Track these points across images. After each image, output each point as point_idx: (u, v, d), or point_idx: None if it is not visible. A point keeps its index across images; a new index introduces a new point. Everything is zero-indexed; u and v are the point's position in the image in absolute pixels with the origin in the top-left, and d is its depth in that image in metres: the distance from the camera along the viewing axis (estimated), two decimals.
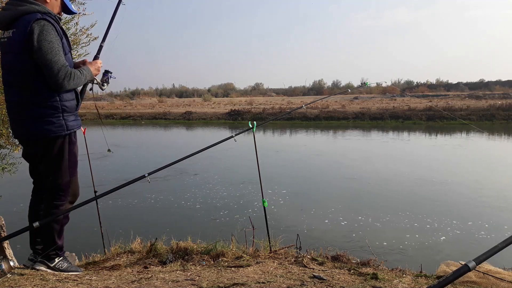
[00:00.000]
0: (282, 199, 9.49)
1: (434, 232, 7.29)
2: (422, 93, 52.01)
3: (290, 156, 16.69)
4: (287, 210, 8.69)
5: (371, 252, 3.45)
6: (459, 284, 2.48)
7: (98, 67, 2.55)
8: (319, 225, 7.71)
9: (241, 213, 8.36)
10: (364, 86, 4.70)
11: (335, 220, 7.99)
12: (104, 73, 2.63)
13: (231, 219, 7.98)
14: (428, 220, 7.88)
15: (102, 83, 2.64)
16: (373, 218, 8.06)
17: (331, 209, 8.71)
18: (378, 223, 7.77)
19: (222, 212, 8.63)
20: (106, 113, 39.30)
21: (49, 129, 2.31)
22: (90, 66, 2.49)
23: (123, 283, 2.33)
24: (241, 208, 8.78)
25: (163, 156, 16.23)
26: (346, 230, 7.43)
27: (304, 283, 2.31)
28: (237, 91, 77.91)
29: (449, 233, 7.22)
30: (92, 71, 2.49)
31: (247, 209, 8.65)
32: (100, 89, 2.68)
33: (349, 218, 8.06)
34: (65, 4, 2.47)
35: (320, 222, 7.91)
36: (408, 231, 7.34)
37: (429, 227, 7.51)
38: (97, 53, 2.65)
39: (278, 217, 8.12)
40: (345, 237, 7.10)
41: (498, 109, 30.49)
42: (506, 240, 1.23)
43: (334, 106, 36.41)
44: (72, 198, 2.56)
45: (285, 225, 7.65)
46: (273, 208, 8.56)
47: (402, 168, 13.55)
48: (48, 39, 2.18)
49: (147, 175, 2.55)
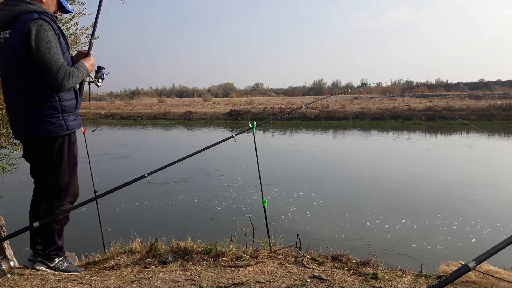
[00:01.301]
0: (282, 199, 9.49)
1: (434, 232, 7.28)
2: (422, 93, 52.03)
3: (291, 156, 16.69)
4: (287, 210, 8.69)
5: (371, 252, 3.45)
6: (459, 284, 2.48)
7: (93, 63, 2.55)
8: (319, 225, 7.70)
9: (241, 213, 8.36)
10: (364, 86, 4.70)
11: (335, 220, 7.99)
12: (98, 69, 2.62)
13: (231, 219, 7.98)
14: (428, 220, 7.88)
15: (97, 80, 2.63)
16: (373, 218, 8.06)
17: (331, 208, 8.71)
18: (378, 223, 7.77)
19: (222, 212, 8.63)
20: (106, 113, 39.31)
21: (50, 130, 2.30)
22: (85, 62, 2.48)
23: (123, 283, 2.33)
24: (241, 208, 8.78)
25: (163, 156, 16.23)
26: (346, 230, 7.42)
27: (304, 283, 2.31)
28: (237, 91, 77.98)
29: (449, 233, 7.22)
30: (88, 67, 2.48)
31: (247, 209, 8.65)
32: (96, 86, 2.66)
33: (349, 218, 8.06)
34: (61, 3, 2.46)
35: (320, 222, 7.91)
36: (408, 231, 7.34)
37: (429, 227, 7.51)
38: (89, 50, 2.61)
39: (278, 217, 8.13)
40: (345, 237, 7.10)
41: (498, 109, 30.50)
42: (506, 240, 1.23)
43: (334, 106, 36.42)
44: (72, 198, 2.56)
45: (285, 225, 7.65)
46: (273, 208, 8.56)
47: (401, 167, 13.56)
48: (46, 38, 2.17)
49: (147, 175, 2.54)
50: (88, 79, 2.57)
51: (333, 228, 7.57)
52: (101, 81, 2.64)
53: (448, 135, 23.63)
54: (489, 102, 34.32)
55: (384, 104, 37.85)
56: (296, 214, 8.42)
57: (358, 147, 18.93)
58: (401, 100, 41.28)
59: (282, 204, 9.12)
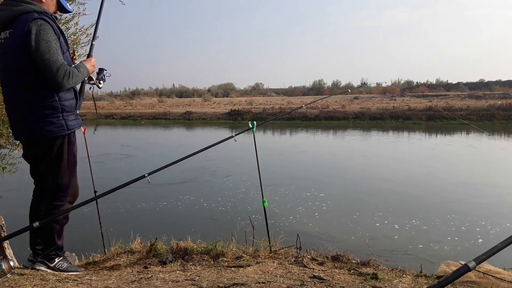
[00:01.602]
0: (282, 199, 9.49)
1: (434, 232, 7.28)
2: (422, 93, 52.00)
3: (291, 156, 16.69)
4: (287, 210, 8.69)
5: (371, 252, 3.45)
6: (459, 284, 2.48)
7: (94, 64, 2.56)
8: (319, 225, 7.70)
9: (241, 213, 8.36)
10: (364, 86, 4.70)
11: (335, 220, 7.99)
12: (99, 71, 2.64)
13: (231, 219, 7.98)
14: (428, 220, 7.88)
15: (99, 81, 2.64)
16: (373, 217, 8.06)
17: (331, 209, 8.71)
18: (378, 223, 7.77)
19: (222, 212, 8.63)
20: (106, 113, 39.29)
21: (50, 130, 2.30)
22: (86, 63, 2.50)
23: (123, 283, 2.33)
24: (241, 208, 8.78)
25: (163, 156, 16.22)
26: (346, 230, 7.43)
27: (304, 283, 2.31)
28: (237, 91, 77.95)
29: (449, 233, 7.22)
30: (88, 68, 2.49)
31: (247, 209, 8.65)
32: (97, 87, 2.69)
33: (350, 218, 8.06)
34: (60, 3, 2.47)
35: (320, 221, 7.91)
36: (408, 231, 7.34)
37: (429, 227, 7.51)
38: (90, 51, 2.66)
39: (278, 217, 8.12)
40: (345, 236, 7.10)
41: (498, 109, 30.49)
42: (506, 240, 1.23)
43: (334, 106, 36.41)
44: (72, 198, 2.56)
45: (285, 225, 7.65)
46: (273, 208, 8.56)
47: (400, 167, 13.55)
48: (46, 38, 2.18)
49: (147, 175, 2.54)
50: (90, 81, 2.58)
51: (334, 228, 7.57)
52: (102, 82, 2.67)
53: (449, 135, 23.63)
54: (489, 102, 34.30)
55: (384, 104, 37.85)
56: (298, 214, 8.42)
57: (359, 147, 18.92)
58: (401, 100, 41.27)
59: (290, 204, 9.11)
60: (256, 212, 7.95)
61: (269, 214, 3.76)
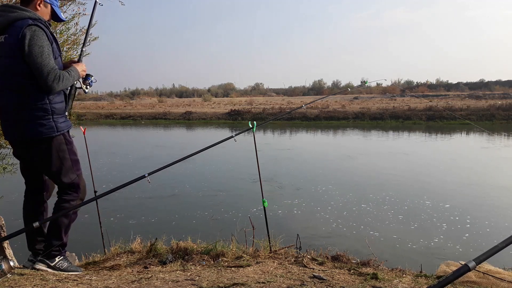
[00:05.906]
0: (282, 199, 9.49)
1: (434, 232, 7.29)
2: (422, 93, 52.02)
3: (291, 156, 16.69)
4: (287, 210, 8.69)
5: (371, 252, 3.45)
6: (459, 284, 2.48)
7: (84, 69, 2.65)
8: (319, 225, 7.71)
9: (241, 213, 8.36)
10: (364, 84, 4.70)
11: (335, 220, 7.99)
12: (86, 77, 2.72)
13: (231, 219, 7.98)
14: (428, 220, 7.88)
15: (86, 86, 2.73)
16: (373, 217, 8.06)
17: (331, 208, 8.71)
18: (379, 223, 7.77)
19: (222, 212, 8.63)
20: (106, 113, 39.30)
21: (41, 131, 2.37)
22: (77, 66, 2.58)
23: (123, 283, 2.33)
24: (241, 208, 8.78)
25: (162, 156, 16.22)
26: (346, 230, 7.43)
27: (304, 283, 2.31)
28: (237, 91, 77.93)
29: (449, 233, 7.22)
30: (79, 72, 2.57)
31: (247, 209, 8.64)
32: (83, 92, 2.79)
33: (350, 218, 8.06)
34: (55, 12, 2.56)
35: (320, 221, 7.91)
36: (408, 231, 7.34)
37: (429, 227, 7.51)
38: (80, 57, 2.76)
39: (278, 217, 8.13)
40: (345, 236, 7.10)
41: (498, 109, 30.50)
42: (506, 240, 1.23)
43: (334, 106, 36.42)
44: (83, 195, 2.63)
45: (285, 225, 7.65)
46: (273, 208, 8.56)
47: (400, 167, 13.55)
48: (39, 43, 2.26)
49: (147, 175, 2.55)
50: (78, 85, 2.66)
51: (334, 228, 7.57)
52: (88, 87, 2.76)
53: (449, 135, 23.63)
54: (489, 102, 34.31)
55: (384, 104, 37.86)
56: (298, 214, 8.43)
57: (359, 147, 18.93)
58: (401, 100, 41.28)
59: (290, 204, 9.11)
60: (256, 212, 7.95)
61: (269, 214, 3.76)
